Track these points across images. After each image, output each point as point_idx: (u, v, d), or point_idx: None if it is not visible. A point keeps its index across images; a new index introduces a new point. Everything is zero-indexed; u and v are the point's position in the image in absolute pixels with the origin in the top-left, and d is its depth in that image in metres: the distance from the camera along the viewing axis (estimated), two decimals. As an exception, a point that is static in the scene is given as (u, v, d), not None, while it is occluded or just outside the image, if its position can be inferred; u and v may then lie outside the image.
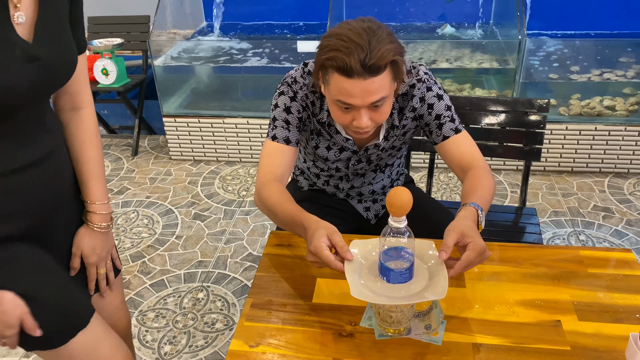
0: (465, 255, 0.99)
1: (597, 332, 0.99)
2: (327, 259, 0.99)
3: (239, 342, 1.00)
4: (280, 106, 1.32)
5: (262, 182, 1.28)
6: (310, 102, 1.32)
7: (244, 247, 2.42)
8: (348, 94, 1.11)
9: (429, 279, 0.99)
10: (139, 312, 2.06)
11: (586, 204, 2.64)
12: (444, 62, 3.04)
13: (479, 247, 1.00)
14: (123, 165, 3.22)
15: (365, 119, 1.15)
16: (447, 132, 1.32)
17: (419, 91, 1.31)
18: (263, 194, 1.25)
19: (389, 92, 1.14)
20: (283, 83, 1.33)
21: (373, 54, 1.06)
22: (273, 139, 1.32)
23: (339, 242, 1.01)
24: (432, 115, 1.32)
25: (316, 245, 1.01)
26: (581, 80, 2.93)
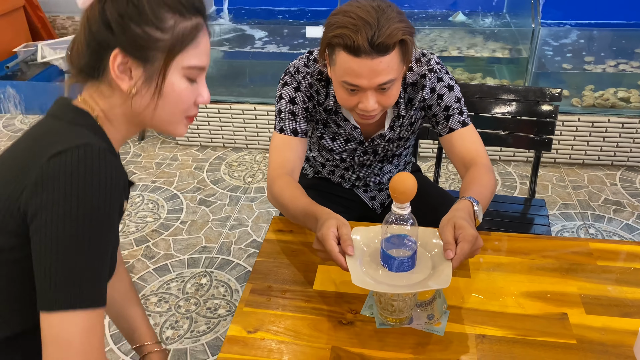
0: (460, 248, 0.95)
1: (604, 326, 0.96)
2: (331, 248, 0.97)
3: (238, 327, 0.98)
4: (285, 97, 1.28)
5: (273, 177, 1.25)
6: (314, 90, 1.28)
7: (248, 234, 2.40)
8: (355, 74, 1.07)
9: (432, 267, 0.96)
10: (142, 296, 2.05)
11: (597, 197, 2.60)
12: (455, 51, 2.99)
13: (470, 236, 0.96)
14: (130, 149, 3.21)
15: (372, 101, 1.12)
16: (454, 124, 1.28)
17: (430, 81, 1.27)
18: (275, 190, 1.22)
19: (397, 75, 1.11)
20: (286, 73, 1.29)
21: (382, 32, 1.03)
22: (280, 131, 1.29)
23: (345, 235, 0.98)
24: (441, 106, 1.28)
25: (324, 232, 0.99)
26: (595, 71, 2.87)
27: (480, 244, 0.99)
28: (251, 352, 0.93)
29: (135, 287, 1.81)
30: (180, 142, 3.23)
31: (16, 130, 3.51)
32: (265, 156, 3.08)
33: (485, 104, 1.71)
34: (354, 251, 0.97)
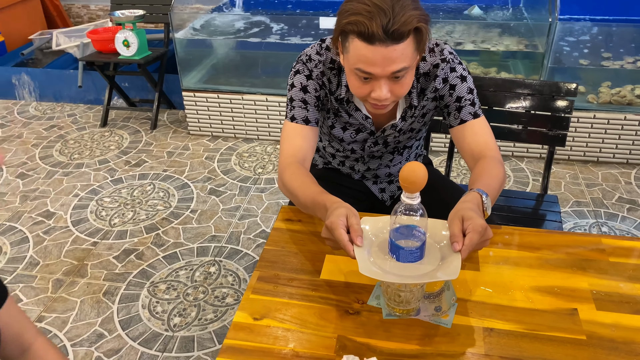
0: (468, 238, 0.94)
1: (615, 322, 0.95)
2: (340, 237, 0.95)
3: (244, 314, 0.98)
4: (297, 85, 1.27)
5: (284, 165, 1.24)
6: (327, 79, 1.27)
7: (257, 224, 2.40)
8: (368, 61, 1.06)
9: (441, 259, 0.95)
10: (151, 283, 2.07)
11: (611, 195, 2.56)
12: (470, 44, 2.96)
13: (479, 227, 0.94)
14: (142, 138, 3.22)
15: (385, 90, 1.10)
16: (466, 116, 1.27)
17: (443, 72, 1.25)
18: (285, 178, 1.22)
19: (411, 63, 1.09)
20: (298, 61, 1.28)
21: (397, 19, 1.01)
22: (292, 119, 1.28)
23: (355, 225, 0.97)
24: (453, 96, 1.27)
25: (333, 221, 0.98)
26: (613, 67, 2.82)
27: (489, 235, 0.98)
28: (257, 338, 0.93)
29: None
30: (192, 132, 3.24)
31: (30, 117, 3.54)
32: (276, 147, 3.08)
33: (499, 97, 1.69)
34: (362, 241, 0.96)
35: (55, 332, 1.86)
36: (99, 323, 1.89)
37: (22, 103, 3.75)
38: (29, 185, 2.75)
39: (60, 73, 3.65)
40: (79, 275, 2.12)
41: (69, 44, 3.87)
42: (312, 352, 0.90)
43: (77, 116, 3.54)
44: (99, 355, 1.76)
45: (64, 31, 3.99)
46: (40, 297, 2.01)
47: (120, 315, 1.92)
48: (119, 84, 3.49)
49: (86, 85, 3.62)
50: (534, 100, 1.67)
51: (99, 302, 1.98)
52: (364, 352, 0.90)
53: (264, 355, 0.90)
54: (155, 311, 1.93)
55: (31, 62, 3.97)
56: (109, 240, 2.32)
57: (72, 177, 2.82)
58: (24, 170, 2.90)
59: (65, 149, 3.12)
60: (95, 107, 3.66)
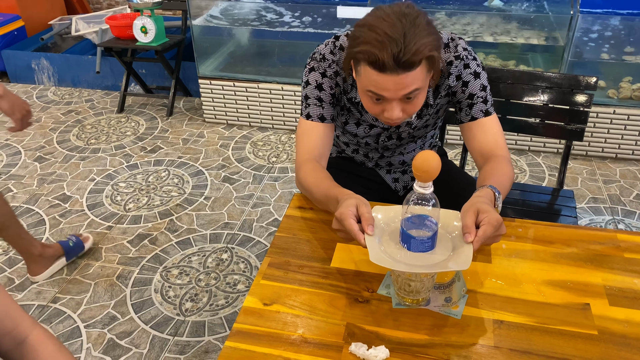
0: (482, 230, 0.93)
1: (628, 318, 0.94)
2: (350, 227, 0.95)
3: (254, 299, 0.99)
4: (312, 83, 1.27)
5: (300, 163, 1.25)
6: (341, 79, 1.26)
7: (270, 212, 2.41)
8: (379, 86, 1.06)
9: (452, 249, 0.95)
10: (164, 268, 2.09)
11: (628, 193, 2.52)
12: (489, 36, 2.92)
13: (494, 220, 0.94)
14: (157, 124, 3.24)
15: (397, 110, 1.10)
16: (477, 113, 1.25)
17: (456, 69, 1.24)
18: (300, 175, 1.23)
19: (423, 84, 1.08)
20: (312, 58, 1.28)
21: (408, 49, 0.99)
22: (307, 117, 1.28)
23: (366, 214, 0.97)
24: (466, 93, 1.25)
25: (342, 211, 0.98)
26: (635, 62, 2.77)
27: (503, 231, 0.97)
28: (266, 323, 0.93)
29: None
30: (207, 119, 3.25)
31: (49, 102, 3.58)
32: (290, 137, 3.08)
33: (517, 90, 1.67)
34: (373, 230, 0.96)
35: (70, 313, 1.89)
36: (112, 306, 1.92)
37: (41, 87, 3.79)
38: (46, 169, 2.79)
39: (79, 58, 3.68)
40: (93, 258, 2.15)
41: (88, 29, 3.90)
42: (321, 338, 0.90)
43: (95, 102, 3.57)
44: (111, 337, 1.79)
45: (83, 17, 4.02)
46: (55, 278, 2.05)
47: (133, 298, 1.95)
48: (136, 71, 3.51)
49: (104, 71, 3.65)
50: (552, 94, 1.65)
51: (112, 285, 2.00)
52: (372, 340, 0.90)
53: (273, 340, 0.90)
54: (168, 296, 1.96)
55: (50, 47, 4.01)
56: (124, 225, 2.34)
57: (89, 161, 2.86)
58: (41, 154, 2.94)
59: (82, 133, 3.16)
60: (113, 93, 3.69)
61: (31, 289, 2.00)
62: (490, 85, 1.29)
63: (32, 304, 1.93)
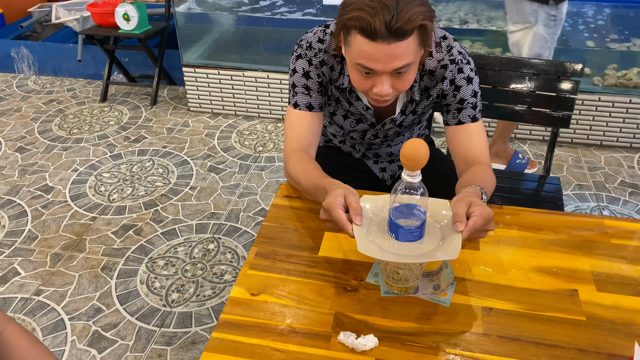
0: (473, 221, 0.92)
1: (615, 304, 0.94)
2: (338, 217, 0.94)
3: (241, 289, 0.97)
4: (299, 71, 1.25)
5: (288, 153, 1.23)
6: (328, 67, 1.24)
7: (257, 202, 2.39)
8: (370, 57, 1.03)
9: (441, 238, 0.94)
10: (149, 259, 2.06)
11: (613, 179, 2.54)
12: (476, 24, 2.91)
13: (486, 214, 0.93)
14: (141, 114, 3.20)
15: (387, 86, 1.07)
16: (464, 117, 1.24)
17: (450, 73, 1.22)
18: (288, 166, 1.21)
19: (414, 59, 1.06)
20: (299, 46, 1.25)
21: (400, 16, 0.97)
22: (295, 106, 1.26)
23: (354, 204, 0.95)
24: (457, 98, 1.24)
25: (330, 201, 0.96)
26: (620, 49, 2.78)
27: (492, 227, 0.96)
28: (254, 314, 0.92)
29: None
30: (192, 108, 3.21)
31: (29, 91, 3.51)
32: (276, 126, 3.05)
33: (504, 77, 1.66)
34: (361, 220, 0.94)
35: (54, 305, 1.86)
36: (97, 297, 1.89)
37: (21, 76, 3.71)
38: (27, 160, 2.74)
39: (60, 47, 3.61)
40: (77, 249, 2.12)
41: (69, 17, 3.81)
42: (309, 328, 0.89)
43: (77, 91, 3.51)
44: (96, 329, 1.77)
45: (63, 4, 3.93)
46: (38, 270, 2.01)
47: (119, 290, 1.92)
48: (119, 59, 3.45)
49: (86, 59, 3.58)
50: (539, 81, 1.65)
51: (97, 277, 1.98)
52: (361, 329, 0.89)
53: (261, 331, 0.89)
54: (154, 287, 1.93)
55: (30, 35, 3.92)
56: (108, 216, 2.31)
57: (71, 151, 2.81)
58: (22, 144, 2.89)
59: (65, 123, 3.10)
60: (95, 81, 3.62)
61: (13, 282, 1.96)
62: (477, 72, 1.27)
63: (15, 297, 1.90)
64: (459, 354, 0.85)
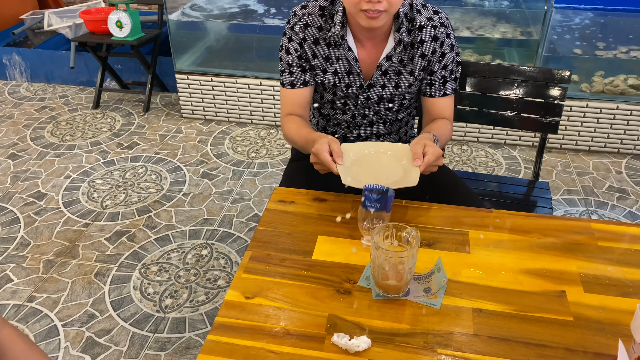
0: (427, 157, 1.14)
1: (602, 304, 0.96)
2: (325, 158, 1.14)
3: (236, 292, 0.99)
4: (283, 48, 1.39)
5: (282, 120, 1.43)
6: (316, 27, 1.34)
7: (250, 208, 2.41)
8: None
9: (402, 172, 1.18)
10: (142, 265, 2.07)
11: (601, 184, 2.58)
12: (466, 31, 2.95)
13: (437, 152, 1.15)
14: (134, 120, 3.20)
15: None
16: (448, 90, 1.41)
17: (441, 35, 1.34)
18: (284, 129, 1.41)
19: None
20: (287, 22, 1.38)
21: None
22: (282, 85, 1.43)
23: (336, 149, 1.17)
24: (441, 64, 1.36)
25: (317, 147, 1.16)
26: (606, 56, 2.83)
27: (441, 162, 1.18)
28: (248, 317, 0.93)
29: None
30: (185, 115, 3.22)
31: (21, 98, 3.50)
32: (269, 132, 3.07)
33: (493, 83, 1.69)
34: (343, 160, 1.16)
35: (47, 312, 1.86)
36: (90, 304, 1.89)
37: (13, 83, 3.71)
38: (19, 166, 2.74)
39: (52, 54, 3.61)
40: (70, 256, 2.12)
41: (61, 24, 3.82)
42: (303, 330, 0.91)
43: (69, 97, 3.51)
44: (90, 336, 1.77)
45: (56, 11, 3.94)
46: (31, 277, 2.01)
47: (112, 296, 1.92)
48: (111, 66, 3.46)
49: (78, 66, 3.58)
50: (527, 87, 1.68)
51: (90, 283, 1.98)
52: (354, 331, 0.91)
53: (255, 333, 0.90)
54: (147, 292, 1.94)
55: (22, 42, 3.92)
56: (101, 222, 2.31)
57: (64, 158, 2.81)
58: (14, 150, 2.88)
59: (57, 130, 3.10)
60: (88, 88, 3.62)
61: (6, 289, 1.96)
62: (467, 79, 1.33)
63: (7, 304, 1.89)
64: (450, 355, 0.87)
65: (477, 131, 2.90)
